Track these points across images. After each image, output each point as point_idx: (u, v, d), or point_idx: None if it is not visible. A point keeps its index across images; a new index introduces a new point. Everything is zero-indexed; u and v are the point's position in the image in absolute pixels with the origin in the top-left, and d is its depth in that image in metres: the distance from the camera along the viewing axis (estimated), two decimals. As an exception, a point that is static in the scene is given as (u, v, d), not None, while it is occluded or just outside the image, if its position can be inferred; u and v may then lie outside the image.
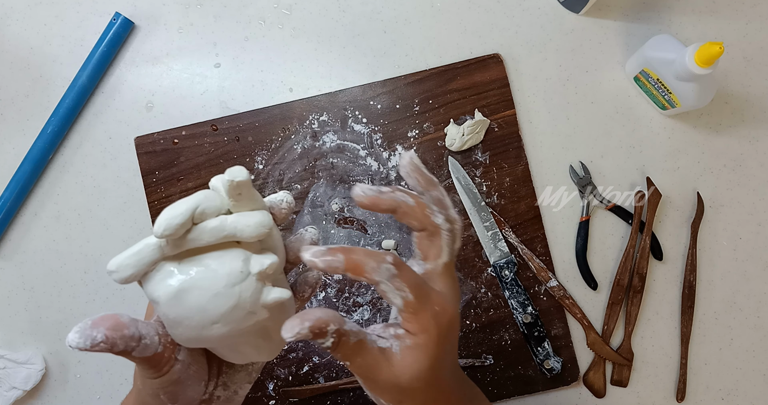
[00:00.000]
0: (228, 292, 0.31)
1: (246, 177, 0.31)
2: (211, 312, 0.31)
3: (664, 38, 0.61)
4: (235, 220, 0.32)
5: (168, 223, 0.30)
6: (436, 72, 0.67)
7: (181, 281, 0.31)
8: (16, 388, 0.65)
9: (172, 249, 0.31)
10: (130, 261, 0.31)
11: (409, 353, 0.35)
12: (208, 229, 0.32)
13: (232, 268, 0.31)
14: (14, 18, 0.70)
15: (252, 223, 0.32)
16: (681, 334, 0.66)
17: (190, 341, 0.33)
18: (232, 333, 0.32)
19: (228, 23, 0.69)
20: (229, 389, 0.40)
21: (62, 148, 0.69)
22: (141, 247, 0.32)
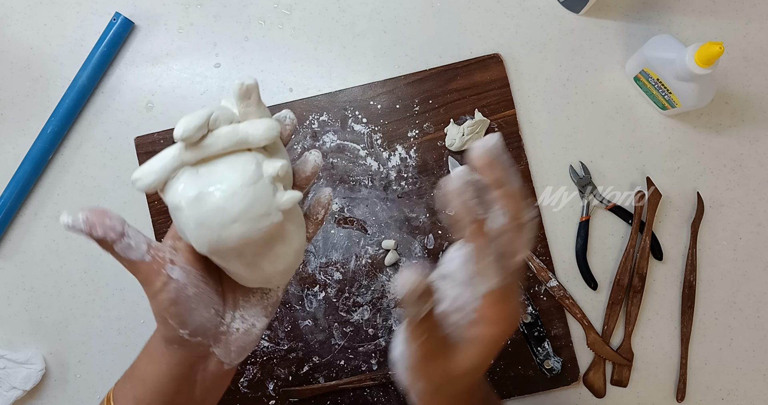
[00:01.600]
0: (244, 192, 0.33)
1: (254, 81, 0.35)
2: (230, 211, 0.33)
3: (664, 38, 0.61)
4: (246, 126, 0.35)
5: (186, 125, 0.33)
6: (436, 72, 0.67)
7: (200, 184, 0.34)
8: (16, 388, 0.65)
9: (190, 156, 0.34)
10: (153, 168, 0.34)
11: (474, 345, 0.36)
12: (223, 134, 0.34)
13: (246, 170, 0.34)
14: (14, 18, 0.70)
15: (262, 127, 0.35)
16: (681, 334, 0.66)
17: (211, 247, 0.34)
18: (250, 234, 0.34)
19: (228, 23, 0.69)
20: (247, 322, 0.40)
21: (62, 148, 0.69)
22: (162, 156, 0.34)
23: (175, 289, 0.37)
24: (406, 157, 0.67)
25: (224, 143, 0.34)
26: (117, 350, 0.67)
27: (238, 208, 0.33)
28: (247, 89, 0.35)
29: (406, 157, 0.67)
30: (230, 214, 0.33)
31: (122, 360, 0.67)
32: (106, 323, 0.67)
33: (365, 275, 0.66)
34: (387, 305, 0.66)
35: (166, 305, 0.37)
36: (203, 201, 0.33)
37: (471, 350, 0.36)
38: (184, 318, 0.37)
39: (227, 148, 0.35)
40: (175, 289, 0.37)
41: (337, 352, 0.65)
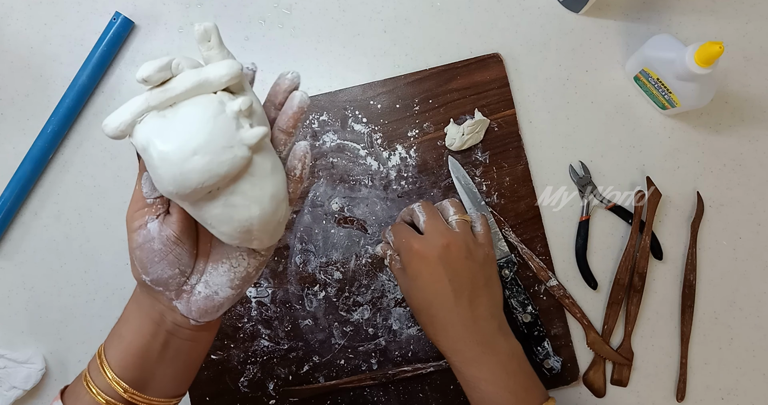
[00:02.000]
0: (204, 124, 0.35)
1: (212, 23, 0.36)
2: (190, 142, 0.34)
3: (664, 38, 0.61)
4: (209, 68, 0.36)
5: (147, 66, 0.34)
6: (436, 72, 0.67)
7: (162, 121, 0.35)
8: (16, 388, 0.65)
9: (155, 99, 0.35)
10: (120, 113, 0.35)
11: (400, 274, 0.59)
12: (185, 76, 0.36)
13: (208, 106, 0.35)
14: (14, 17, 0.70)
15: (223, 65, 0.36)
16: (681, 333, 0.66)
17: (176, 183, 0.35)
18: (212, 167, 0.34)
19: (228, 23, 0.69)
20: (210, 288, 0.42)
21: (62, 147, 0.69)
22: (129, 102, 0.36)
23: (143, 237, 0.40)
24: (406, 156, 0.67)
25: (187, 84, 0.35)
26: (117, 350, 0.67)
27: (198, 140, 0.34)
28: (205, 31, 0.36)
29: (406, 156, 0.67)
30: (191, 146, 0.34)
31: (122, 360, 0.67)
32: (107, 323, 0.67)
33: (365, 275, 0.66)
34: (387, 305, 0.66)
35: (132, 246, 0.41)
36: (165, 137, 0.34)
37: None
38: (146, 266, 0.41)
39: (191, 90, 0.36)
40: (143, 237, 0.40)
41: (337, 352, 0.65)
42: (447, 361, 0.55)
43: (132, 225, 0.41)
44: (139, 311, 0.44)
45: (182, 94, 0.36)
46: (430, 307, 0.55)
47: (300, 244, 0.66)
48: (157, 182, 0.36)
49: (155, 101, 0.35)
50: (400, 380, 0.65)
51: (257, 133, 0.36)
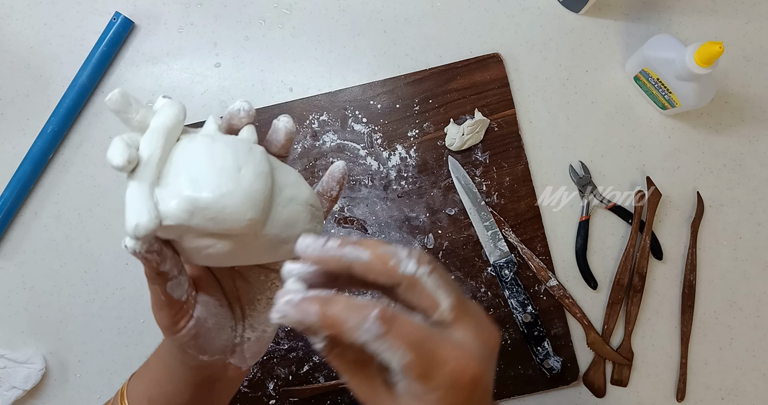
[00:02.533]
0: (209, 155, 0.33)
1: (118, 89, 0.33)
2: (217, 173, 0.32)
3: (664, 38, 0.61)
4: (159, 119, 0.34)
5: (117, 157, 0.31)
6: (436, 72, 0.67)
7: (172, 188, 0.32)
8: (16, 388, 0.65)
9: (149, 177, 0.32)
10: (134, 217, 0.31)
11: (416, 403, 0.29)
12: (148, 142, 0.33)
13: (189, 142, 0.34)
14: (14, 17, 0.70)
15: (166, 108, 0.34)
16: (681, 333, 0.66)
17: (254, 208, 0.33)
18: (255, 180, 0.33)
19: (228, 23, 0.69)
20: (257, 330, 0.40)
21: (62, 147, 0.69)
22: (129, 201, 0.32)
23: (195, 326, 0.36)
24: (406, 156, 0.67)
25: (158, 145, 0.33)
26: (117, 350, 0.67)
27: (220, 168, 0.33)
28: (122, 96, 0.33)
29: (406, 156, 0.67)
30: (221, 175, 0.32)
31: (122, 360, 0.67)
32: (106, 323, 0.67)
33: (365, 275, 0.66)
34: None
35: (186, 340, 0.36)
36: (197, 188, 0.32)
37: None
38: (205, 347, 0.37)
39: (165, 147, 0.33)
40: (196, 325, 0.36)
41: (337, 352, 0.65)
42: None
43: (176, 328, 0.36)
44: (171, 374, 0.40)
45: (162, 156, 0.33)
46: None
47: (300, 244, 0.66)
48: (232, 221, 0.33)
49: (149, 178, 0.32)
50: (400, 380, 0.65)
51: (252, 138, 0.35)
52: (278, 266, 0.41)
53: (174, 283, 0.34)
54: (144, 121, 0.34)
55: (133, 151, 0.32)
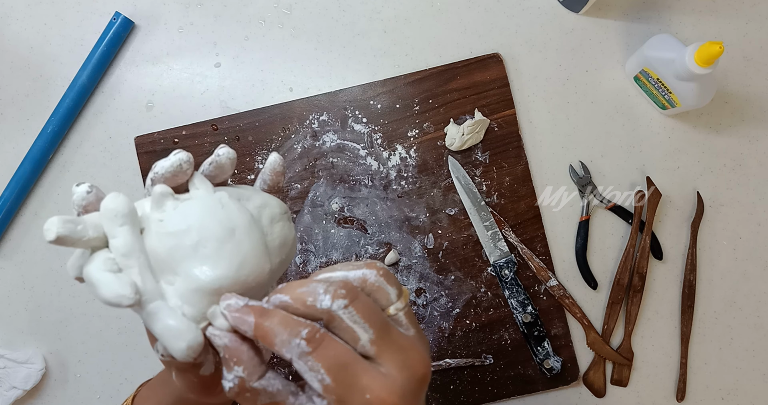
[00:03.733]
0: (198, 219, 0.31)
1: (58, 228, 0.29)
2: (218, 244, 0.30)
3: (664, 38, 0.61)
4: (105, 204, 0.31)
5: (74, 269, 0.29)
6: (436, 72, 0.67)
7: (193, 292, 0.30)
8: (16, 388, 0.65)
9: (158, 293, 0.30)
10: (176, 334, 0.29)
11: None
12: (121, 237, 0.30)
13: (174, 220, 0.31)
14: (14, 18, 0.69)
15: (108, 200, 0.30)
16: (681, 333, 0.66)
17: (272, 269, 0.32)
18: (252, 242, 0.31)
19: (228, 23, 0.69)
20: None
21: (62, 147, 0.69)
22: (159, 318, 0.29)
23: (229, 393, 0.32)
24: (406, 156, 0.67)
25: (137, 253, 0.30)
26: (117, 350, 0.67)
27: (215, 237, 0.31)
28: (63, 223, 0.29)
29: (406, 156, 0.67)
30: (222, 247, 0.31)
31: (122, 360, 0.67)
32: (106, 323, 0.67)
33: (365, 275, 0.66)
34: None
35: (222, 396, 0.35)
36: (213, 265, 0.30)
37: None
38: None
39: (141, 249, 0.30)
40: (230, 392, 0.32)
41: (337, 352, 0.65)
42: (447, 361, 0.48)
43: (214, 396, 0.35)
44: None
45: (147, 261, 0.30)
46: None
47: (300, 244, 0.66)
48: (254, 281, 0.31)
49: (158, 294, 0.30)
50: (400, 380, 0.65)
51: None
52: None
53: (206, 367, 0.33)
54: (97, 233, 0.30)
55: (127, 278, 0.29)
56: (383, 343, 0.29)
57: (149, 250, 0.30)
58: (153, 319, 0.29)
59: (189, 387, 0.35)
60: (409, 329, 0.31)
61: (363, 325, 0.29)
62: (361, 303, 0.29)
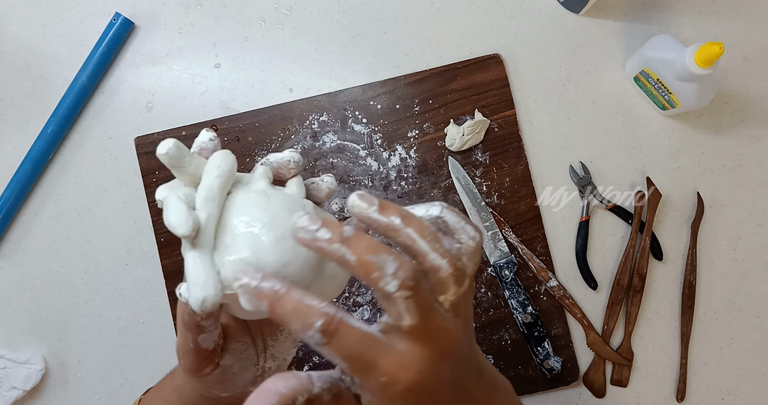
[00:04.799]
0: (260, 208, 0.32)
1: (171, 152, 0.32)
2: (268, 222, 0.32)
3: (664, 38, 0.61)
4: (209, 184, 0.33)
5: (183, 227, 0.30)
6: (436, 72, 0.67)
7: (234, 263, 0.31)
8: (16, 388, 0.65)
9: (210, 244, 0.31)
10: (206, 284, 0.30)
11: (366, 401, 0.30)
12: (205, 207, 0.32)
13: (245, 198, 0.33)
14: (14, 18, 0.70)
15: (215, 158, 0.33)
16: (681, 333, 0.66)
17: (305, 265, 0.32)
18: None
19: (228, 23, 0.69)
20: (278, 359, 0.40)
21: (62, 148, 0.69)
22: (193, 276, 0.30)
23: (221, 372, 0.36)
24: (406, 157, 0.67)
25: (214, 202, 0.32)
26: (117, 350, 0.67)
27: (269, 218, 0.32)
28: (176, 150, 0.32)
29: (406, 157, 0.67)
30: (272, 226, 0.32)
31: (122, 360, 0.67)
32: (106, 323, 0.67)
33: (365, 275, 0.66)
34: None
35: (212, 384, 0.36)
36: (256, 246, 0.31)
37: None
38: (228, 387, 0.37)
39: (219, 205, 0.32)
40: (222, 372, 0.36)
41: (337, 352, 0.65)
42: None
43: (201, 373, 0.36)
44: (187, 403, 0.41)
45: (218, 217, 0.32)
46: None
47: (300, 244, 0.66)
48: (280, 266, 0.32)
49: (209, 244, 0.31)
50: (400, 380, 0.65)
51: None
52: None
53: (207, 335, 0.34)
54: (196, 172, 0.33)
55: (195, 214, 0.31)
56: (420, 330, 0.29)
57: (225, 212, 0.32)
58: (192, 262, 0.31)
59: (182, 348, 0.35)
60: (448, 311, 0.30)
61: (413, 313, 0.28)
62: (422, 295, 0.28)
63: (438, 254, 0.29)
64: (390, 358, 0.28)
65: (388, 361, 0.28)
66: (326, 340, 0.27)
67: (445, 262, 0.29)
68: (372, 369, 0.28)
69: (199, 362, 0.35)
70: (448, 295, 0.30)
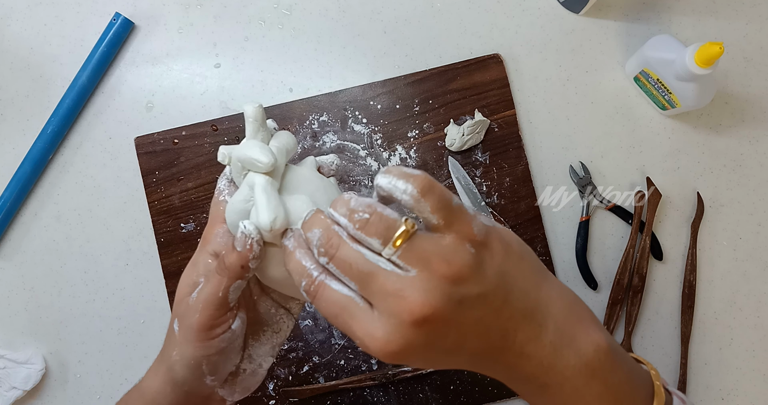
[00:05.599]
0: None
1: (259, 110, 0.37)
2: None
3: (664, 38, 0.61)
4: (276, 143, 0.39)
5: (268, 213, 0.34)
6: (436, 72, 0.67)
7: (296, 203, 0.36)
8: (16, 388, 0.65)
9: (278, 184, 0.36)
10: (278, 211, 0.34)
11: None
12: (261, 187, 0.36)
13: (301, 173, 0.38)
14: (14, 18, 0.70)
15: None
16: (681, 334, 0.66)
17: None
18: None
19: (228, 23, 0.69)
20: (254, 362, 0.40)
21: (62, 148, 0.69)
22: (269, 191, 0.35)
23: (227, 340, 0.36)
24: (406, 157, 0.67)
25: (282, 158, 0.37)
26: (117, 350, 0.67)
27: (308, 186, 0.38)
28: (262, 111, 0.38)
29: (406, 157, 0.67)
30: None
31: (122, 360, 0.67)
32: (106, 323, 0.67)
33: (365, 275, 0.66)
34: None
35: (213, 352, 0.36)
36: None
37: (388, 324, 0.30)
38: (218, 366, 0.37)
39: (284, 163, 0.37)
40: (227, 340, 0.36)
41: (337, 352, 0.65)
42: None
43: (212, 333, 0.36)
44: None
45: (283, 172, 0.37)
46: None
47: (300, 244, 0.66)
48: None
49: (278, 184, 0.36)
50: (400, 381, 0.65)
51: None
52: (288, 304, 0.42)
53: (240, 283, 0.35)
54: (265, 139, 0.38)
55: (275, 155, 0.35)
56: (367, 294, 0.29)
57: (284, 178, 0.37)
58: (264, 190, 0.34)
59: (206, 300, 0.35)
60: (408, 270, 0.29)
61: (345, 278, 0.30)
62: (338, 257, 0.30)
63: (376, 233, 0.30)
64: (362, 324, 0.29)
65: (360, 327, 0.29)
66: (310, 297, 0.30)
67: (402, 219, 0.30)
68: (348, 332, 0.30)
69: (219, 316, 0.36)
70: (384, 250, 0.30)
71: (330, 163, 0.41)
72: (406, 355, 0.29)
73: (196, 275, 0.37)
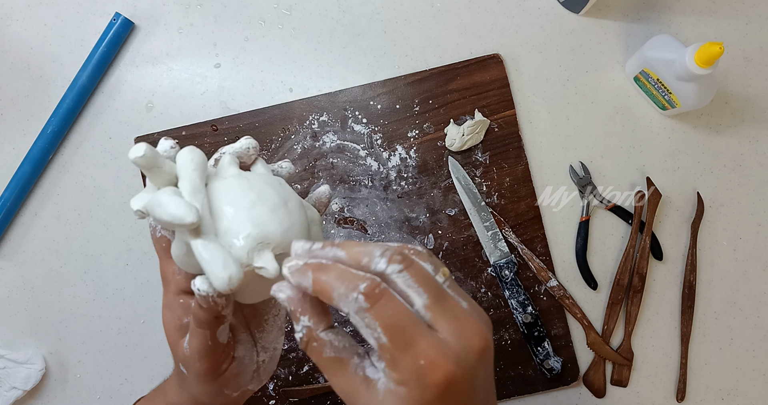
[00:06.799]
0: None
1: (147, 155, 0.33)
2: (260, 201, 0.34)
3: (664, 38, 0.61)
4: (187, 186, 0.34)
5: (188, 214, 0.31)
6: (436, 72, 0.67)
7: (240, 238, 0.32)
8: (16, 388, 0.65)
9: (211, 229, 0.32)
10: (226, 266, 0.31)
11: (391, 399, 0.28)
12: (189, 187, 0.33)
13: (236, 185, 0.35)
14: (14, 18, 0.70)
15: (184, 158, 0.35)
16: (681, 334, 0.66)
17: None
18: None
19: (228, 23, 0.69)
20: (269, 350, 0.40)
21: (62, 148, 0.69)
22: (209, 248, 0.31)
23: (237, 365, 0.37)
24: (406, 157, 0.67)
25: (201, 192, 0.33)
26: (117, 350, 0.67)
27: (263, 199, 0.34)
28: (151, 152, 0.34)
29: (406, 157, 0.67)
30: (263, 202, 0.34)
31: (122, 360, 0.67)
32: (106, 323, 0.67)
33: (365, 275, 0.66)
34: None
35: (227, 381, 0.36)
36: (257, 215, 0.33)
37: (390, 403, 0.28)
38: (239, 383, 0.37)
39: (205, 193, 0.34)
40: (238, 365, 0.37)
41: (337, 352, 0.65)
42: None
43: (220, 370, 0.36)
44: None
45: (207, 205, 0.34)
46: None
47: (300, 244, 0.66)
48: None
49: (211, 229, 0.32)
50: (400, 381, 0.65)
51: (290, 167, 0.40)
52: None
53: (223, 327, 0.35)
54: (171, 171, 0.34)
55: (195, 205, 0.31)
56: (439, 310, 0.28)
57: (212, 200, 0.33)
58: (204, 248, 0.31)
59: (199, 352, 0.35)
60: (461, 301, 0.29)
61: (417, 289, 0.28)
62: (415, 269, 0.28)
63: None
64: (430, 340, 0.27)
65: (430, 343, 0.27)
66: (370, 303, 0.26)
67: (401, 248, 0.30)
68: (411, 347, 0.26)
69: (218, 358, 0.36)
70: (437, 276, 0.30)
71: (245, 148, 0.37)
72: (466, 386, 0.28)
73: (178, 318, 0.37)
